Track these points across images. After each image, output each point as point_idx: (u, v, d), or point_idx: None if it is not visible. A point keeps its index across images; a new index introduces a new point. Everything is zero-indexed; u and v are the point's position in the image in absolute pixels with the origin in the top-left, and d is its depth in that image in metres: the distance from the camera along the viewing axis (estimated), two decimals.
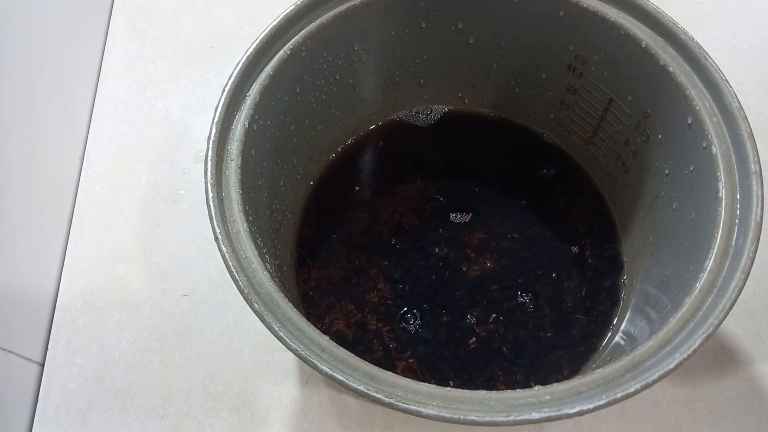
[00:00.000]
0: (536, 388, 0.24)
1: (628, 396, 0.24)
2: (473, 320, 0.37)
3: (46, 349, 0.41)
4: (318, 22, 0.32)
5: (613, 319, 0.37)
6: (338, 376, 0.24)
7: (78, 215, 0.45)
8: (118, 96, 0.50)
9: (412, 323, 0.37)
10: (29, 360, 0.40)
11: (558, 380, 0.36)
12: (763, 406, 0.38)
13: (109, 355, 0.41)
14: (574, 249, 0.39)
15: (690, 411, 0.38)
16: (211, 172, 0.28)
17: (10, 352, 0.39)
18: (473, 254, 0.39)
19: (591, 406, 0.23)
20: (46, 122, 0.45)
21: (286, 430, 0.38)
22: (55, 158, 0.46)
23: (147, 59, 0.51)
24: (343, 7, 0.33)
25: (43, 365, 0.41)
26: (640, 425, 0.38)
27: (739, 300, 0.25)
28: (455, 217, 0.40)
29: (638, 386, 0.24)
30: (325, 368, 0.24)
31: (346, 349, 0.25)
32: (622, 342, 0.35)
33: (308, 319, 0.26)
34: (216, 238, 0.27)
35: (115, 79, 0.51)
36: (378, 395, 0.23)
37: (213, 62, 0.51)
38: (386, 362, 0.36)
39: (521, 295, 0.38)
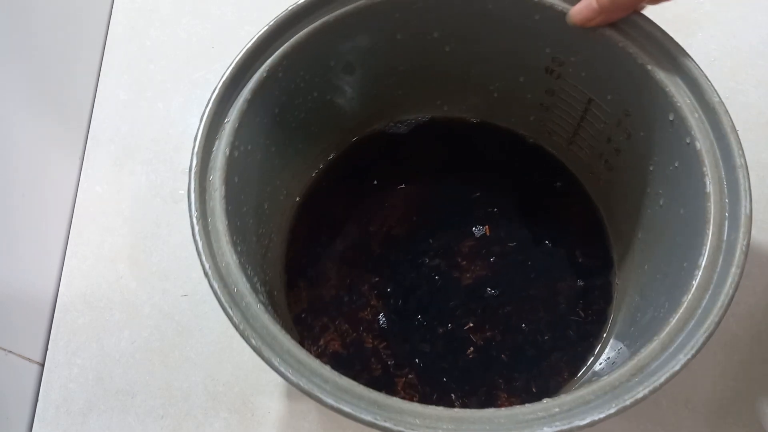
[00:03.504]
0: (544, 401, 0.23)
1: (637, 402, 0.23)
2: (469, 329, 0.37)
3: (46, 349, 0.41)
4: (293, 41, 0.31)
5: (608, 318, 0.37)
6: (345, 408, 0.23)
7: (78, 215, 0.45)
8: (118, 96, 0.50)
9: (408, 337, 0.37)
10: (29, 360, 0.40)
11: (558, 383, 0.36)
12: (763, 406, 0.38)
13: (109, 355, 0.41)
14: (564, 250, 0.39)
15: (690, 411, 0.38)
16: (195, 205, 0.27)
17: (10, 352, 0.39)
18: (464, 262, 0.39)
19: (602, 415, 0.23)
20: (46, 122, 0.45)
21: (286, 431, 0.38)
22: (55, 158, 0.46)
23: (147, 59, 0.51)
24: (317, 23, 0.32)
25: (43, 365, 0.41)
26: (640, 425, 0.38)
27: (739, 300, 0.25)
28: (443, 225, 0.40)
29: (646, 391, 0.23)
30: (330, 401, 0.23)
31: (344, 369, 0.24)
32: (622, 341, 0.35)
33: (303, 343, 0.25)
34: (206, 274, 0.26)
35: (115, 79, 0.51)
36: (386, 424, 0.22)
37: (213, 62, 0.51)
38: (386, 380, 0.36)
39: (514, 299, 0.38)
